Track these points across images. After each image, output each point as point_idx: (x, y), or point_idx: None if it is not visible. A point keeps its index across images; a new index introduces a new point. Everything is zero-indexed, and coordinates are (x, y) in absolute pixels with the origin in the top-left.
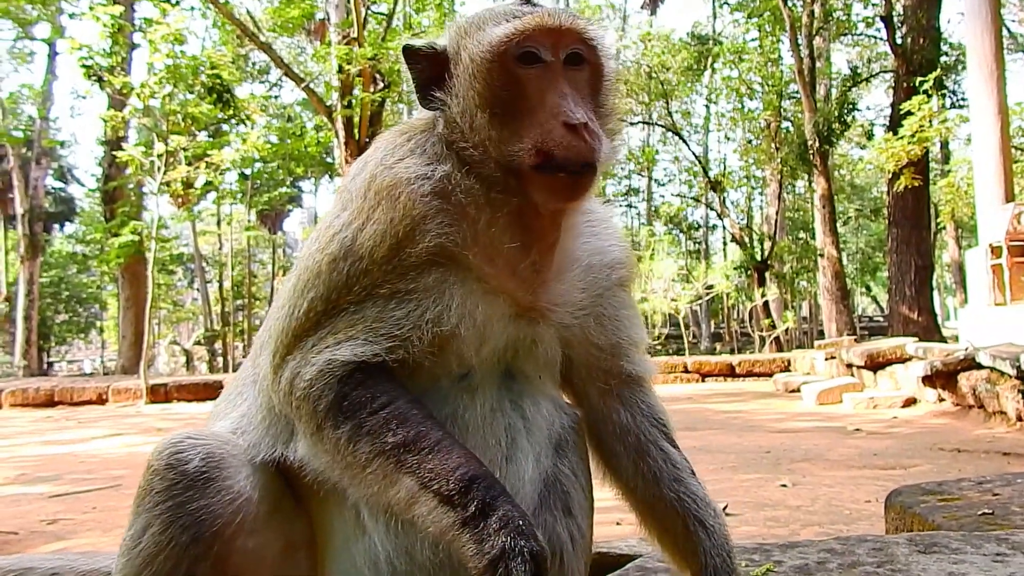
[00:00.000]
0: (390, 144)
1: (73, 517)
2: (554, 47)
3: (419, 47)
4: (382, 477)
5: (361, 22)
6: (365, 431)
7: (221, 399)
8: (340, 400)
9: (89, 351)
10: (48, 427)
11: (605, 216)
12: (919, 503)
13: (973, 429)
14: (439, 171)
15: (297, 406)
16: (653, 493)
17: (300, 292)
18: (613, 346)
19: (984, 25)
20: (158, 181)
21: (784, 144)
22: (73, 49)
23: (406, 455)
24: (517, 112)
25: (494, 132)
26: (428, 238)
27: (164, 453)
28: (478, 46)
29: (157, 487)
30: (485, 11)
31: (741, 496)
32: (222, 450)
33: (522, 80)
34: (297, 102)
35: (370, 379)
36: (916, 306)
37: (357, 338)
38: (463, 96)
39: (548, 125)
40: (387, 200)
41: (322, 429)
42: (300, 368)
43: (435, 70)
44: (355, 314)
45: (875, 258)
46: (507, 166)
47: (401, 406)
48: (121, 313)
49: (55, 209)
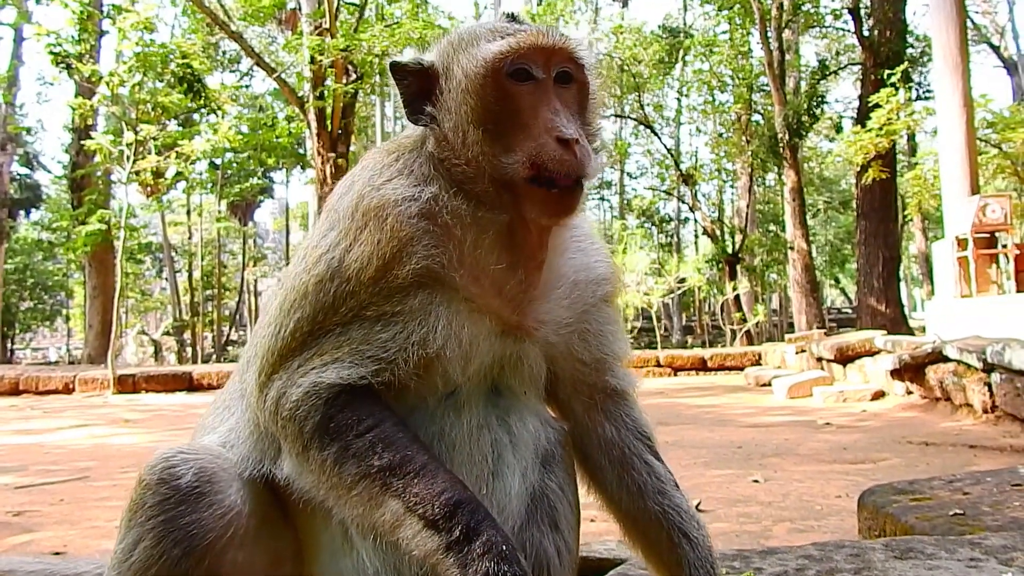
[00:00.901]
0: (378, 164)
1: (40, 509)
2: (546, 65)
3: (406, 63)
4: (368, 499)
5: (333, 13)
6: (351, 453)
7: (209, 412)
8: (326, 422)
9: (54, 339)
10: (13, 416)
11: (589, 231)
12: (891, 503)
13: (940, 422)
14: (426, 192)
15: (283, 426)
16: (638, 506)
17: (287, 312)
18: (598, 361)
19: (948, 17)
20: (127, 170)
21: (755, 137)
22: (40, 35)
23: (392, 478)
24: (510, 127)
25: (487, 146)
26: (415, 260)
27: (156, 468)
28: (472, 62)
29: (149, 501)
30: (474, 28)
31: (714, 492)
32: (213, 464)
33: (515, 96)
34: (269, 92)
35: (356, 401)
36: (884, 298)
37: (343, 360)
38: (455, 111)
39: (542, 139)
40: (375, 222)
41: (308, 450)
42: (286, 388)
43: (423, 85)
44: (341, 335)
45: (844, 250)
46: (500, 180)
47: (387, 429)
48: (88, 302)
49: (21, 196)
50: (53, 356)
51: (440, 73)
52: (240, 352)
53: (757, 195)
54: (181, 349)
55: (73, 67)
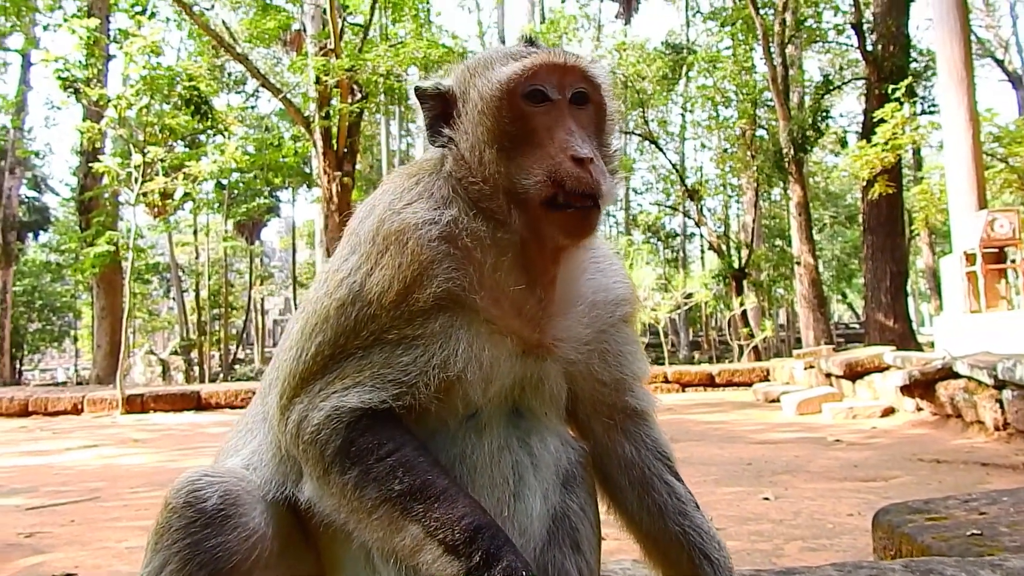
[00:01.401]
0: (398, 187)
1: (51, 530)
2: (560, 85)
3: (427, 87)
4: (388, 523)
5: (338, 33)
6: (372, 477)
7: (232, 434)
8: (347, 446)
9: (62, 360)
10: (23, 437)
11: (608, 253)
12: (907, 522)
13: (952, 439)
14: (446, 215)
15: (304, 449)
16: (658, 527)
17: (308, 336)
18: (617, 381)
19: (952, 32)
20: (135, 192)
21: (759, 152)
22: (48, 61)
23: (412, 503)
24: (526, 148)
25: (503, 167)
26: (436, 283)
27: (182, 491)
28: (487, 84)
29: (175, 525)
30: (491, 52)
31: (724, 510)
32: (238, 487)
33: (530, 117)
34: (274, 112)
35: (377, 425)
36: (892, 313)
37: (364, 384)
38: (472, 132)
39: (557, 159)
40: (395, 245)
41: (329, 473)
42: (307, 412)
43: (443, 109)
44: (362, 359)
45: (850, 265)
46: (517, 201)
47: (407, 453)
48: (96, 323)
49: (29, 218)
50: (61, 377)
51: (457, 96)
52: (249, 371)
53: (763, 210)
54: (189, 368)
55: (81, 91)
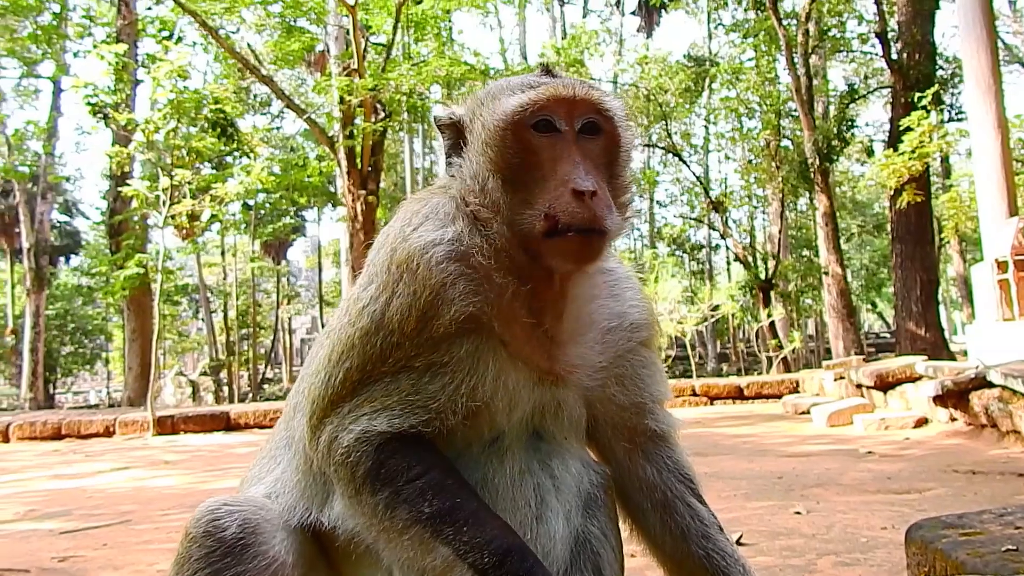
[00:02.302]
0: (407, 213)
1: (84, 554)
2: (568, 116)
3: (441, 117)
4: (418, 544)
5: (361, 53)
6: (402, 499)
7: (255, 463)
8: (377, 467)
9: (94, 382)
10: (55, 461)
11: (624, 275)
12: (940, 538)
13: (987, 449)
14: (450, 232)
15: (335, 470)
16: (681, 550)
17: (335, 362)
18: (636, 405)
19: (979, 39)
20: (163, 214)
21: (784, 162)
22: (78, 87)
23: (442, 525)
24: (528, 179)
25: (505, 197)
26: (454, 308)
27: (202, 521)
28: (492, 115)
29: (195, 555)
30: (504, 82)
31: (755, 524)
32: (257, 516)
33: (535, 148)
34: (299, 133)
35: (406, 447)
36: (923, 322)
37: (393, 409)
38: (475, 161)
39: (557, 192)
40: (408, 273)
41: (360, 493)
42: (337, 433)
43: (457, 137)
44: (391, 384)
45: (879, 274)
46: (517, 231)
47: (436, 475)
48: (127, 345)
49: (61, 243)
50: (94, 399)
51: (466, 125)
52: (278, 390)
53: (789, 220)
54: (218, 389)
55: (110, 116)
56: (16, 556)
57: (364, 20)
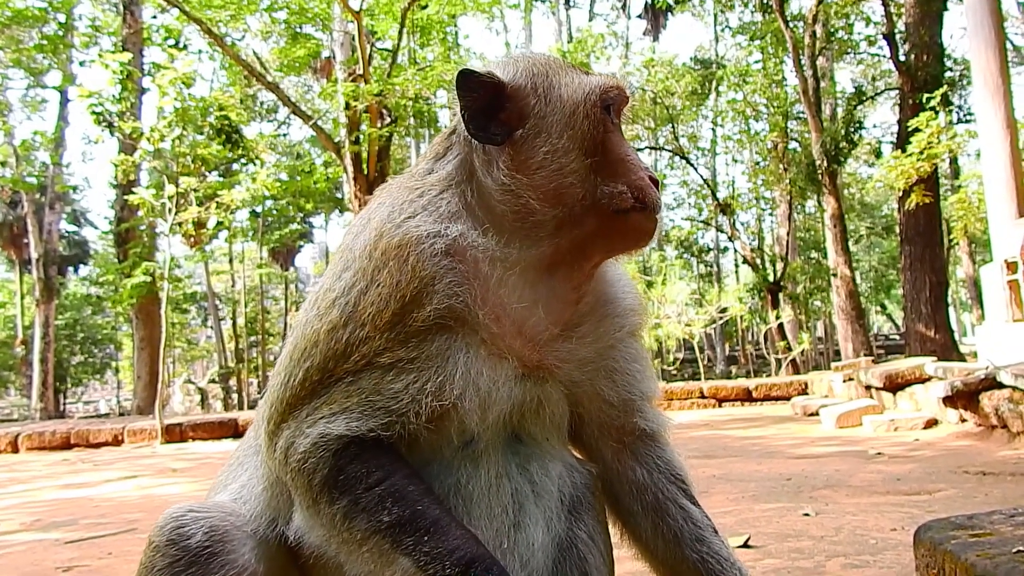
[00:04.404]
0: (397, 199)
1: (89, 563)
2: (618, 108)
3: (482, 74)
4: (378, 556)
5: (366, 59)
6: (360, 508)
7: (224, 469)
8: (335, 474)
9: (104, 391)
10: (64, 470)
11: (611, 262)
12: (949, 539)
13: (998, 450)
14: (454, 229)
15: (292, 478)
16: (674, 554)
17: (296, 361)
18: (625, 402)
19: (987, 41)
20: (170, 222)
21: (792, 165)
22: (83, 96)
23: (401, 535)
24: (609, 158)
25: (585, 173)
26: (436, 300)
27: (165, 528)
28: (579, 88)
29: (159, 564)
30: (554, 58)
31: (763, 527)
32: (226, 523)
33: (609, 129)
34: (305, 139)
35: (366, 452)
36: (932, 324)
37: (352, 411)
38: (557, 133)
39: (640, 174)
40: (395, 261)
41: (318, 503)
42: (294, 439)
43: (488, 102)
44: (351, 384)
45: (888, 276)
46: (589, 207)
47: (397, 482)
48: (136, 353)
49: (69, 252)
50: (104, 409)
51: (526, 94)
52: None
53: (797, 222)
54: (227, 396)
55: (115, 125)
56: (20, 567)
57: (369, 26)
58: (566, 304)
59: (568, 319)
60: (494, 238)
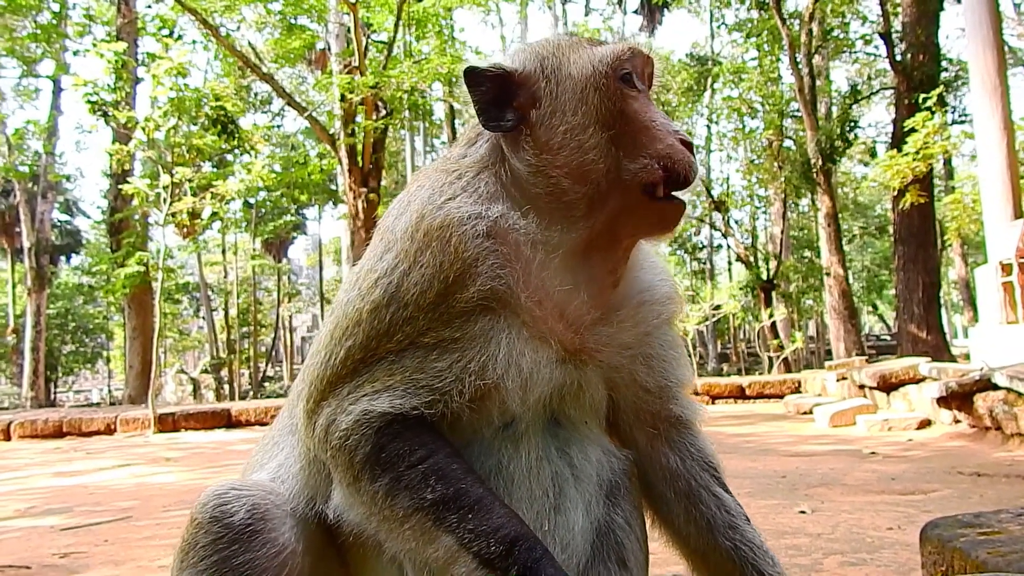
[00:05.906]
0: (437, 182)
1: (85, 550)
2: (642, 73)
3: (485, 68)
4: (420, 533)
5: (362, 51)
6: (403, 485)
7: (258, 449)
8: (377, 452)
9: (96, 381)
10: (57, 458)
11: (648, 249)
12: (958, 537)
13: (991, 452)
14: (493, 211)
15: (333, 455)
16: (707, 541)
17: (338, 340)
18: (661, 388)
19: (985, 41)
20: (164, 212)
21: (787, 163)
22: (77, 85)
23: (445, 512)
24: (630, 130)
25: (606, 149)
26: (480, 281)
27: (208, 505)
28: (588, 63)
29: (202, 541)
30: (565, 38)
31: (760, 523)
32: (266, 501)
33: (628, 99)
34: (300, 131)
35: (408, 431)
36: (925, 324)
37: (396, 388)
38: (571, 113)
39: (668, 140)
40: (438, 242)
41: (359, 480)
42: (336, 416)
43: (499, 92)
44: (394, 363)
45: (881, 276)
46: (614, 187)
47: (440, 460)
48: (128, 343)
49: (61, 242)
50: (96, 398)
51: (536, 77)
52: (278, 388)
53: (791, 221)
54: (219, 386)
55: (110, 114)
56: (17, 553)
57: (365, 18)
58: (603, 288)
59: (608, 303)
60: (534, 220)
